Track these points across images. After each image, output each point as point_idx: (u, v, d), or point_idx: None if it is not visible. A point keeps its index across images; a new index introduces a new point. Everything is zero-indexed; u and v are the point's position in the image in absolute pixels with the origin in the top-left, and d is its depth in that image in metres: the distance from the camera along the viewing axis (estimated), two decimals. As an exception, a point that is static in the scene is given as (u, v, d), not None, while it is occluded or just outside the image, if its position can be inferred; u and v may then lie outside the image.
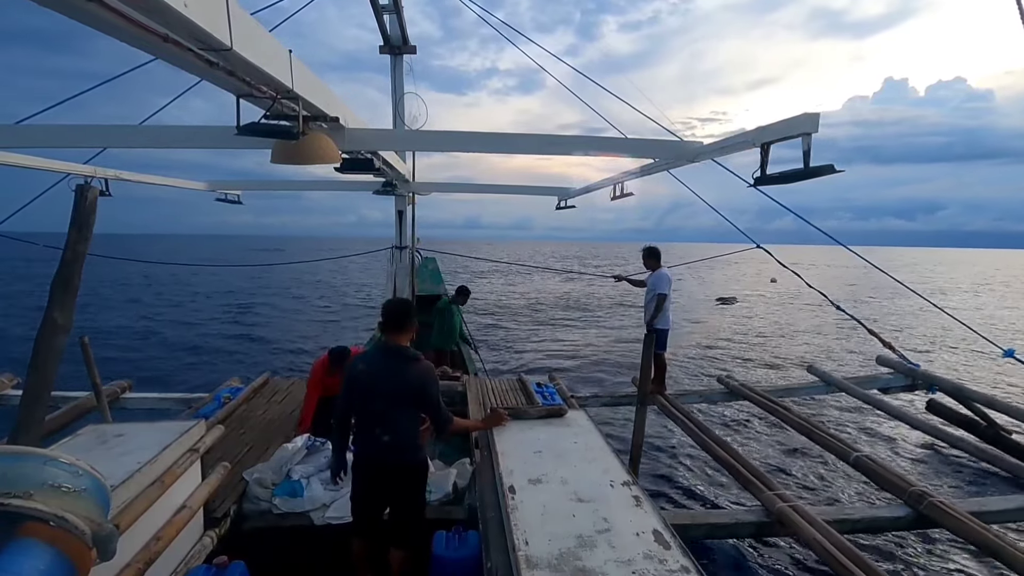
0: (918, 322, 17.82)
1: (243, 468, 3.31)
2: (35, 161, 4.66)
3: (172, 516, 2.40)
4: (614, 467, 2.78)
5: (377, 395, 2.58)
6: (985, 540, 2.95)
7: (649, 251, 5.83)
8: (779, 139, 2.77)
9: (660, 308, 5.55)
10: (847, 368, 10.50)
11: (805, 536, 2.99)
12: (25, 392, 1.94)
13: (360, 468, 2.66)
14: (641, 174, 4.92)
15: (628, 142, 4.26)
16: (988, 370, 11.00)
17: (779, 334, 15.61)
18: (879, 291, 25.87)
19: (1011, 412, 5.01)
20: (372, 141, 3.90)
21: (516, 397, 4.51)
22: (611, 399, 6.16)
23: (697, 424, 4.79)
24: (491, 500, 2.64)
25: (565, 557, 1.96)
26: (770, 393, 5.71)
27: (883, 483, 3.68)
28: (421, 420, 2.69)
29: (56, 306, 1.92)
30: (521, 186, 8.71)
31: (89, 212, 2.01)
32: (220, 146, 3.65)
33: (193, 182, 6.94)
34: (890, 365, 6.15)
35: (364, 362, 2.67)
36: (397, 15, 6.25)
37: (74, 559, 1.08)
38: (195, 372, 10.37)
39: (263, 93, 2.41)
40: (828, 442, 4.28)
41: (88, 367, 3.17)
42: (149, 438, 2.57)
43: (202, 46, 1.85)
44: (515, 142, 3.99)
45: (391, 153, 5.34)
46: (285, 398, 4.79)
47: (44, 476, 1.10)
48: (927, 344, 14.17)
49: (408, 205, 7.66)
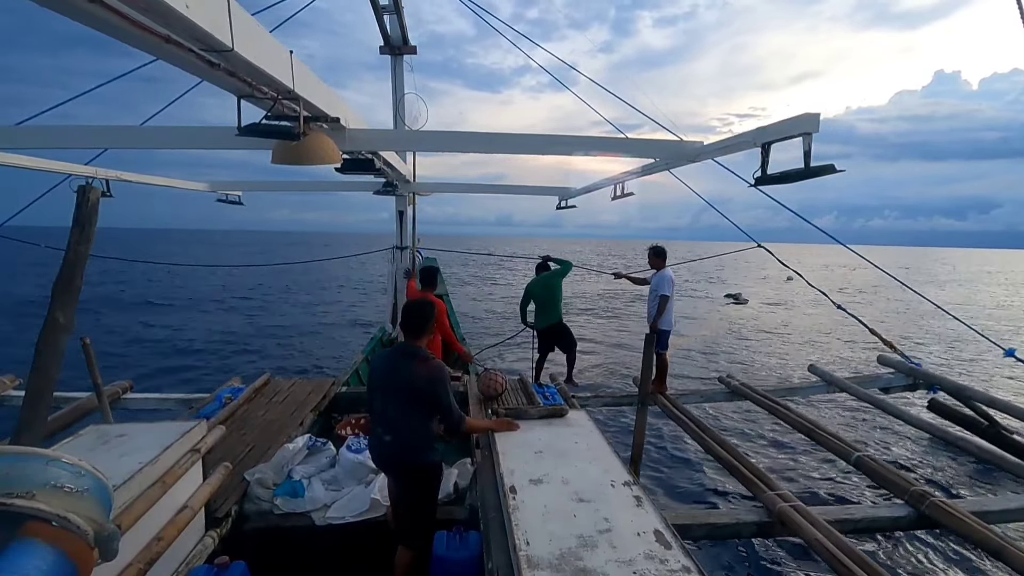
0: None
1: (244, 468, 3.31)
2: (37, 162, 4.67)
3: (173, 516, 2.40)
4: (615, 467, 2.78)
5: (386, 394, 2.60)
6: (987, 540, 2.95)
7: (655, 251, 5.84)
8: (779, 139, 2.77)
9: (663, 309, 5.56)
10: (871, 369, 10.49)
11: (806, 536, 2.98)
12: (27, 392, 1.95)
13: (378, 467, 2.71)
14: (642, 174, 4.92)
15: (628, 142, 4.26)
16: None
17: (785, 333, 15.59)
18: (923, 289, 26.06)
19: (1012, 411, 5.01)
20: (372, 141, 3.91)
21: (517, 397, 4.51)
22: (612, 399, 6.16)
23: (698, 424, 4.79)
24: (492, 500, 2.64)
25: (566, 557, 1.96)
26: (771, 393, 5.71)
27: (884, 483, 3.68)
28: (434, 420, 2.69)
29: (58, 307, 1.92)
30: (521, 186, 8.73)
31: (91, 213, 2.01)
32: (221, 146, 3.65)
33: (194, 183, 6.95)
34: (891, 365, 6.15)
35: (379, 361, 2.72)
36: (397, 15, 6.26)
37: (76, 559, 1.08)
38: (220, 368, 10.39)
39: (264, 94, 2.42)
40: (829, 442, 4.28)
41: (89, 367, 3.18)
42: (150, 438, 2.57)
43: (203, 47, 1.85)
44: (515, 142, 3.99)
45: (391, 153, 5.35)
46: (286, 398, 4.78)
47: (46, 476, 1.10)
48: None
49: (408, 205, 7.68)
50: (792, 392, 6.17)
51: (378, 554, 2.76)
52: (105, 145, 4.20)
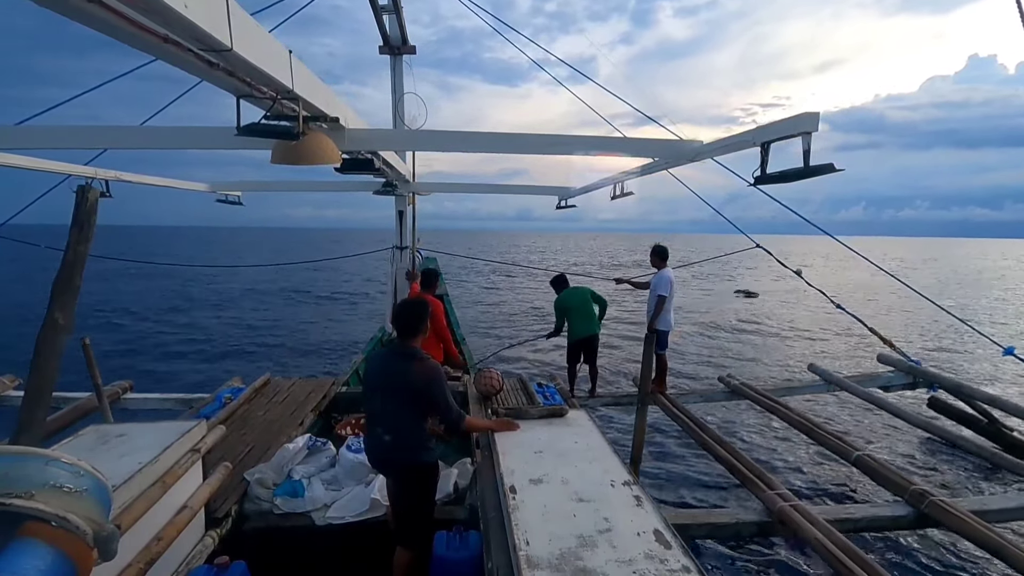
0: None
1: (244, 468, 3.31)
2: (36, 162, 4.67)
3: (173, 516, 2.40)
4: (615, 467, 2.78)
5: (381, 394, 2.61)
6: (987, 539, 2.95)
7: (655, 250, 5.84)
8: (779, 138, 2.77)
9: (660, 310, 5.57)
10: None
11: (806, 535, 2.99)
12: (26, 393, 1.95)
13: (374, 467, 2.71)
14: (641, 173, 4.92)
15: (628, 142, 4.26)
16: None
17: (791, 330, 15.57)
18: (964, 286, 27.36)
19: (1012, 409, 5.01)
20: (372, 141, 3.91)
21: (517, 397, 4.51)
22: (612, 399, 6.16)
23: (698, 424, 4.79)
24: (492, 500, 2.65)
25: (566, 557, 1.96)
26: (771, 392, 5.71)
27: (884, 482, 3.69)
28: (428, 420, 2.70)
29: (57, 307, 1.92)
30: (521, 186, 8.73)
31: (90, 213, 2.02)
32: (220, 146, 3.65)
33: (194, 183, 6.96)
34: (891, 363, 6.15)
35: (374, 362, 2.72)
36: (397, 15, 6.27)
37: (75, 559, 1.08)
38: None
39: (263, 94, 2.42)
40: (829, 441, 4.28)
41: (89, 368, 3.18)
42: (150, 438, 2.57)
43: (202, 47, 1.85)
44: (515, 142, 3.99)
45: (391, 153, 5.35)
46: (286, 398, 4.78)
47: (46, 476, 1.10)
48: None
49: (408, 205, 7.68)
50: (792, 391, 6.18)
51: (378, 554, 2.76)
52: (105, 145, 4.19)
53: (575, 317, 6.02)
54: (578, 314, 6.02)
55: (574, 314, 6.02)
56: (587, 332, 6.03)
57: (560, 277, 6.37)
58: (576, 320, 6.02)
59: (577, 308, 6.04)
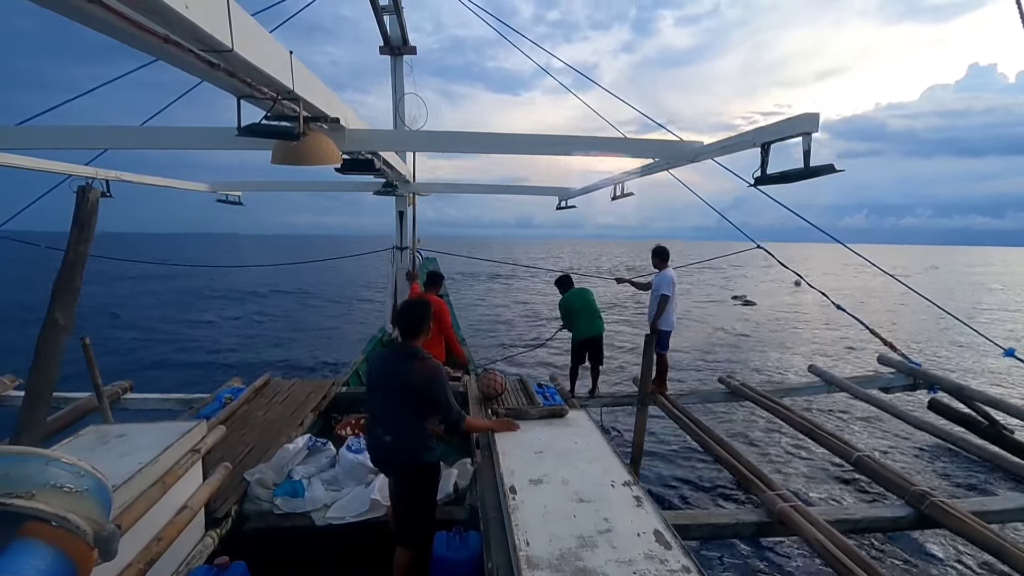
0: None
1: (244, 468, 3.31)
2: (36, 163, 4.67)
3: (173, 516, 2.40)
4: (615, 467, 2.78)
5: (382, 394, 2.61)
6: (987, 540, 2.95)
7: (656, 251, 5.85)
8: (779, 139, 2.77)
9: (662, 310, 5.57)
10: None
11: (806, 536, 2.98)
12: (27, 393, 1.95)
13: (376, 467, 2.71)
14: (642, 174, 4.92)
15: (628, 142, 4.26)
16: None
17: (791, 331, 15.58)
18: (977, 291, 28.61)
19: (1012, 411, 5.01)
20: (372, 142, 3.91)
21: (517, 397, 4.51)
22: (612, 399, 6.16)
23: (698, 424, 4.79)
24: (492, 500, 2.65)
25: (566, 557, 1.96)
26: (771, 393, 5.71)
27: (884, 483, 3.68)
28: (429, 420, 2.69)
29: (58, 307, 1.92)
30: (521, 186, 8.72)
31: (91, 213, 2.02)
32: (221, 147, 3.65)
33: (194, 183, 6.95)
34: (891, 364, 6.15)
35: (376, 362, 2.73)
36: (397, 16, 6.27)
37: (76, 559, 1.08)
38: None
39: (264, 94, 2.42)
40: (829, 442, 4.28)
41: (89, 368, 3.18)
42: (150, 439, 2.57)
43: (203, 47, 1.85)
44: (515, 142, 3.99)
45: (391, 154, 5.35)
46: (286, 398, 4.78)
47: (46, 476, 1.10)
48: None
49: (408, 206, 7.68)
50: (792, 392, 6.17)
51: (378, 554, 2.76)
52: (105, 145, 4.20)
53: (580, 317, 6.04)
54: (583, 314, 6.04)
55: (579, 314, 6.05)
56: (592, 332, 6.05)
57: (564, 278, 6.39)
58: (581, 320, 6.04)
59: (581, 308, 6.06)
